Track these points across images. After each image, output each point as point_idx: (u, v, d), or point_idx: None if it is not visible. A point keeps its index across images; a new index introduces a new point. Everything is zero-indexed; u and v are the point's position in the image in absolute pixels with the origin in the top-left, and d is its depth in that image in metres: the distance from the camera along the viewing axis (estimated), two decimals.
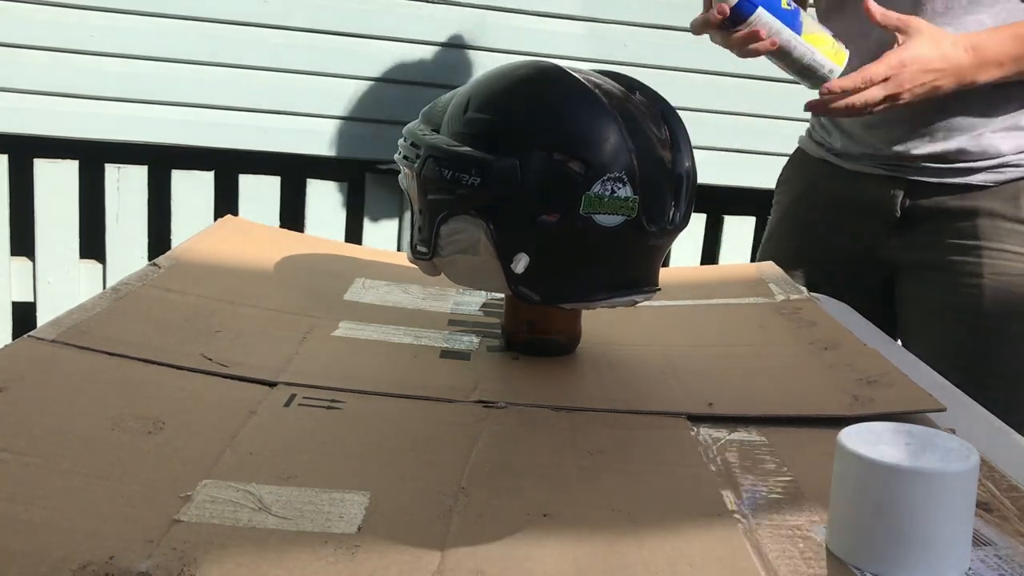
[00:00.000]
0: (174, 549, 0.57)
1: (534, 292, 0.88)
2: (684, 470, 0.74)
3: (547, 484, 0.70)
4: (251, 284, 1.09)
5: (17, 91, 2.48)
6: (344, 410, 0.80)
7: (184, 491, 0.64)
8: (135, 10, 2.49)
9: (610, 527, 0.65)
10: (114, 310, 0.94)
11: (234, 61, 2.56)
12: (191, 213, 2.63)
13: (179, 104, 2.56)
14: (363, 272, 1.20)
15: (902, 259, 1.33)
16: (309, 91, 2.61)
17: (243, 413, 0.77)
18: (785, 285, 1.24)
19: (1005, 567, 0.62)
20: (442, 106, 0.93)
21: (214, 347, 0.89)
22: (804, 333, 1.06)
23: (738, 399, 0.89)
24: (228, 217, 1.36)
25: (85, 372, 0.81)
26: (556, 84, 0.88)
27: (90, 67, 2.50)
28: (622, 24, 2.72)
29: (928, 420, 0.84)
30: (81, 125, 2.53)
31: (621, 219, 0.85)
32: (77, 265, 2.62)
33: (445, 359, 0.94)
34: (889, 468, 0.59)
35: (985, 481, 0.73)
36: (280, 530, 0.60)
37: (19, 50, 2.46)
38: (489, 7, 2.64)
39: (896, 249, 1.33)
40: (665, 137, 0.90)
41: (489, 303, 1.13)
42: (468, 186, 0.85)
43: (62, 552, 0.55)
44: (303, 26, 2.58)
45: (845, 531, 0.62)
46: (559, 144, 0.84)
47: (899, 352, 1.12)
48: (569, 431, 0.81)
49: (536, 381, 0.91)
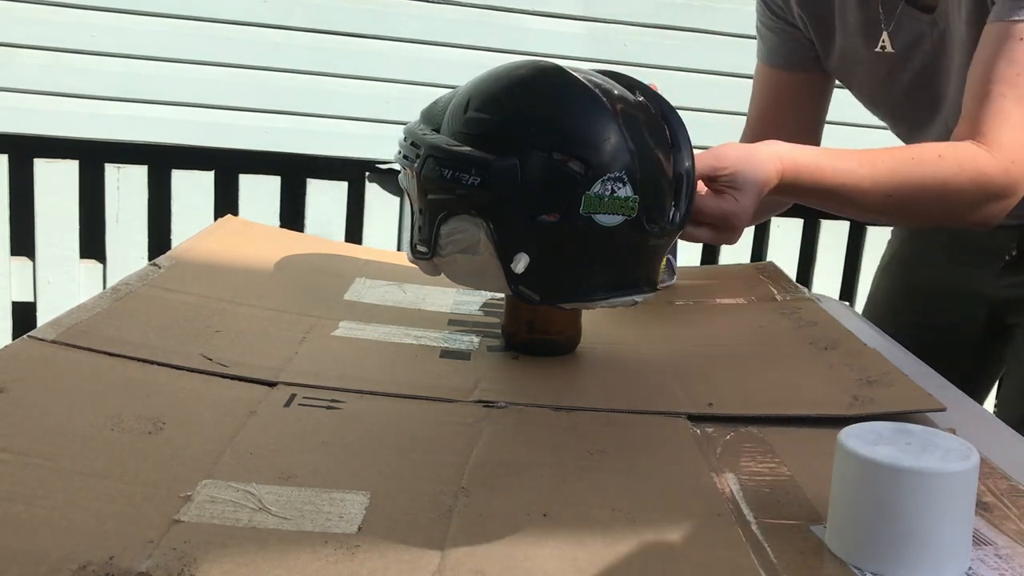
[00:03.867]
0: (174, 549, 0.57)
1: (534, 292, 0.88)
2: (684, 470, 0.74)
3: (547, 484, 0.70)
4: (251, 284, 1.09)
5: (17, 91, 2.48)
6: (344, 410, 0.80)
7: (184, 491, 0.64)
8: (135, 10, 2.49)
9: (610, 527, 0.65)
10: (114, 310, 0.94)
11: (234, 61, 2.57)
12: (191, 213, 2.63)
13: (179, 104, 2.56)
14: (363, 272, 1.20)
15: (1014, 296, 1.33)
16: (309, 91, 2.61)
17: (243, 413, 0.77)
18: (785, 285, 1.24)
19: (1005, 567, 0.62)
20: (442, 106, 0.93)
21: (214, 347, 0.89)
22: (804, 333, 1.06)
23: (738, 399, 0.89)
24: (228, 217, 1.36)
25: (85, 372, 0.81)
26: (556, 84, 0.88)
27: (90, 67, 2.50)
28: (622, 24, 2.72)
29: (928, 420, 0.84)
30: (81, 125, 2.53)
31: (621, 219, 0.85)
32: (77, 265, 2.62)
33: (445, 359, 0.94)
34: (889, 468, 0.59)
35: (985, 481, 0.73)
36: (280, 530, 0.60)
37: (19, 50, 2.46)
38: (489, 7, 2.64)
39: (1008, 287, 1.33)
40: (665, 137, 0.90)
41: (489, 303, 1.13)
42: (468, 186, 0.85)
43: (62, 552, 0.55)
44: (303, 26, 2.59)
45: (845, 531, 0.62)
46: (559, 144, 0.84)
47: (899, 352, 1.12)
48: (569, 431, 0.81)
49: (536, 381, 0.91)
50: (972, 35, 1.13)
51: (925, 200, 1.09)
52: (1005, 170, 1.07)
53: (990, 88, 1.07)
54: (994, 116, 1.07)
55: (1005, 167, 1.07)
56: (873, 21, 1.24)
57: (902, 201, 1.09)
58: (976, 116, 1.08)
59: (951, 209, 1.10)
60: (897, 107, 1.31)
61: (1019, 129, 1.07)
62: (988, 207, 1.10)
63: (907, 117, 1.32)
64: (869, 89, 1.32)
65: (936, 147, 1.11)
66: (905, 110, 1.31)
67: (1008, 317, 1.34)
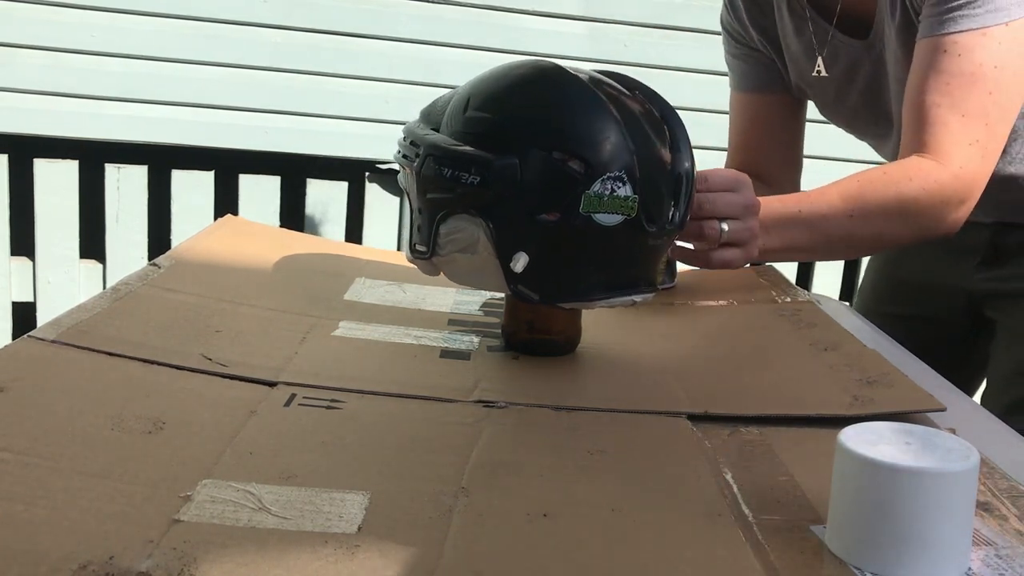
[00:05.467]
0: (174, 549, 0.57)
1: (533, 291, 0.88)
2: (684, 470, 0.74)
3: (547, 484, 0.70)
4: (251, 284, 1.09)
5: (17, 91, 2.48)
6: (344, 410, 0.80)
7: (184, 491, 0.64)
8: (135, 10, 2.49)
9: (610, 527, 0.65)
10: (114, 310, 0.94)
11: (234, 61, 2.57)
12: (191, 213, 2.64)
13: (179, 104, 2.56)
14: (363, 272, 1.20)
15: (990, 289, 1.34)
16: (309, 91, 2.62)
17: (243, 413, 0.77)
18: (785, 286, 1.24)
19: (1005, 567, 0.62)
20: (441, 105, 0.93)
21: (214, 347, 0.89)
22: (804, 334, 1.06)
23: (738, 399, 0.89)
24: (228, 217, 1.36)
25: (85, 372, 0.81)
26: (556, 83, 0.88)
27: (90, 67, 2.50)
28: (622, 24, 2.72)
29: (928, 420, 0.84)
30: (81, 125, 2.53)
31: (621, 218, 0.85)
32: (77, 265, 2.63)
33: (445, 359, 0.94)
34: (889, 468, 0.59)
35: (985, 481, 0.73)
36: (280, 530, 0.60)
37: (19, 50, 2.47)
38: (489, 7, 2.64)
39: (984, 281, 1.34)
40: (665, 137, 0.90)
41: (489, 303, 1.13)
42: (468, 185, 0.85)
43: (62, 552, 0.55)
44: (303, 26, 2.59)
45: (845, 531, 0.62)
46: (559, 143, 0.84)
47: (899, 352, 1.12)
48: (569, 431, 0.81)
49: (536, 381, 0.91)
50: (906, 55, 1.16)
51: (886, 215, 1.12)
52: (955, 176, 1.10)
53: (924, 99, 1.11)
54: (932, 126, 1.11)
55: (954, 173, 1.10)
56: (810, 48, 1.28)
57: (864, 219, 1.11)
58: (916, 129, 1.12)
59: (914, 221, 1.13)
60: (853, 123, 1.35)
61: (958, 134, 1.10)
62: (947, 214, 1.13)
63: (866, 132, 1.37)
64: (824, 107, 1.37)
65: (881, 167, 1.15)
66: (861, 126, 1.35)
67: (987, 311, 1.35)
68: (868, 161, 1.59)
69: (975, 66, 1.09)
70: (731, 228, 1.05)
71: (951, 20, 1.09)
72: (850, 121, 1.35)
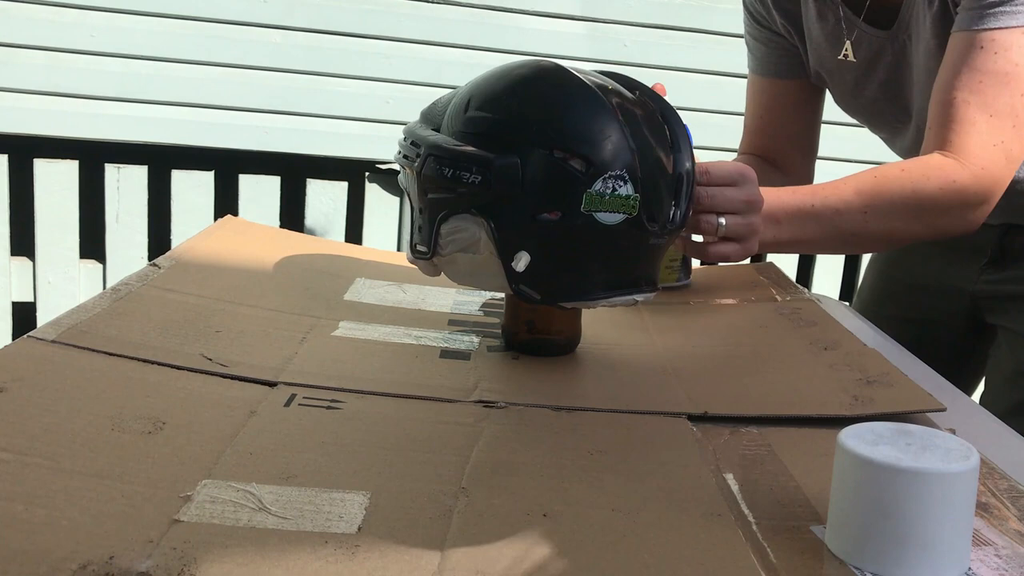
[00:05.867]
0: (174, 549, 0.57)
1: (535, 291, 0.88)
2: (684, 470, 0.74)
3: (547, 484, 0.70)
4: (251, 284, 1.09)
5: (17, 91, 2.48)
6: (344, 410, 0.80)
7: (184, 491, 0.64)
8: (135, 10, 2.49)
9: (610, 527, 0.65)
10: (114, 310, 0.94)
11: (234, 61, 2.57)
12: (191, 213, 2.64)
13: (179, 104, 2.56)
14: (363, 272, 1.20)
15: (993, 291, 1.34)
16: (309, 91, 2.62)
17: (243, 413, 0.77)
18: (785, 286, 1.24)
19: (1005, 567, 0.62)
20: (442, 105, 0.93)
21: (214, 347, 0.89)
22: (804, 333, 1.06)
23: (738, 399, 0.89)
24: (228, 217, 1.36)
25: (85, 372, 0.81)
26: (556, 82, 0.88)
27: (90, 67, 2.50)
28: (622, 24, 2.72)
29: (928, 420, 0.84)
30: (81, 125, 2.53)
31: (622, 217, 0.85)
32: (77, 265, 2.63)
33: (445, 359, 0.94)
34: (889, 468, 0.59)
35: (985, 481, 0.73)
36: (280, 530, 0.60)
37: (19, 50, 2.47)
38: (489, 7, 2.64)
39: (988, 283, 1.34)
40: (665, 137, 0.90)
41: (489, 303, 1.13)
42: (469, 184, 0.85)
43: (62, 552, 0.55)
44: (303, 26, 2.59)
45: (845, 531, 0.62)
46: (560, 142, 0.84)
47: (899, 352, 1.12)
48: (569, 431, 0.81)
49: (536, 381, 0.91)
50: (939, 47, 1.14)
51: (901, 214, 1.10)
52: (975, 177, 1.08)
53: (954, 96, 1.08)
54: (959, 123, 1.08)
55: (975, 174, 1.08)
56: (832, 33, 1.26)
57: (879, 217, 1.09)
58: (942, 125, 1.10)
59: (929, 221, 1.11)
60: (870, 115, 1.33)
61: (985, 135, 1.08)
62: (965, 215, 1.11)
63: (882, 124, 1.34)
64: (842, 97, 1.35)
65: (900, 163, 1.13)
66: (878, 118, 1.33)
67: (988, 316, 1.35)
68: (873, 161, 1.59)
69: (1011, 65, 1.06)
70: (729, 223, 1.04)
71: (991, 16, 1.06)
72: (867, 112, 1.33)
